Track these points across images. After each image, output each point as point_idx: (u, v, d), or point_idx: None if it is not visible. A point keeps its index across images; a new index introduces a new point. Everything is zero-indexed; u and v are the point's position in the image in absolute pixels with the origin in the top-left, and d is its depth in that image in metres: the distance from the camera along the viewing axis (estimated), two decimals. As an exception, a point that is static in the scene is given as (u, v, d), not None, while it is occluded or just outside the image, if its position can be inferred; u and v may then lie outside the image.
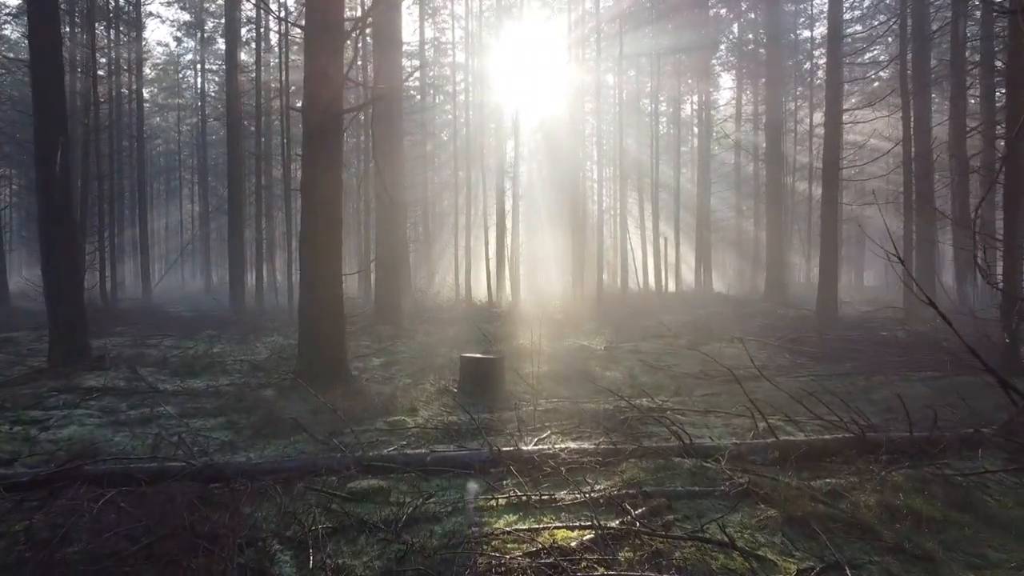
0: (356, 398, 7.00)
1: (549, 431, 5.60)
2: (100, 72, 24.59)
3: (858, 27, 32.68)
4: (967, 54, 19.56)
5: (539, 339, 13.37)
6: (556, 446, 4.65)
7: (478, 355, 8.08)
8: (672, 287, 30.17)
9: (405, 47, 33.47)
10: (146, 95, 43.34)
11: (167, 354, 10.96)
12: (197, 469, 3.89)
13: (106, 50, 23.71)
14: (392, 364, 10.23)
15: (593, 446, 4.55)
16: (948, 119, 15.62)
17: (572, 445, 4.60)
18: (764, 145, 30.41)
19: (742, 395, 8.06)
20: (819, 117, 32.69)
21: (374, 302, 15.50)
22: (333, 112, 7.37)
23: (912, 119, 17.67)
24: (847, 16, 32.67)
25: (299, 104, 7.75)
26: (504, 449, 4.47)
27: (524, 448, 4.54)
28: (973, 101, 23.81)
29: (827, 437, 5.06)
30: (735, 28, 35.02)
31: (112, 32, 24.63)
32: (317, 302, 7.49)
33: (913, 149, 17.04)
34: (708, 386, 8.63)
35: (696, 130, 35.68)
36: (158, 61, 39.38)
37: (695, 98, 35.21)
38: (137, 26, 26.40)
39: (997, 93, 19.22)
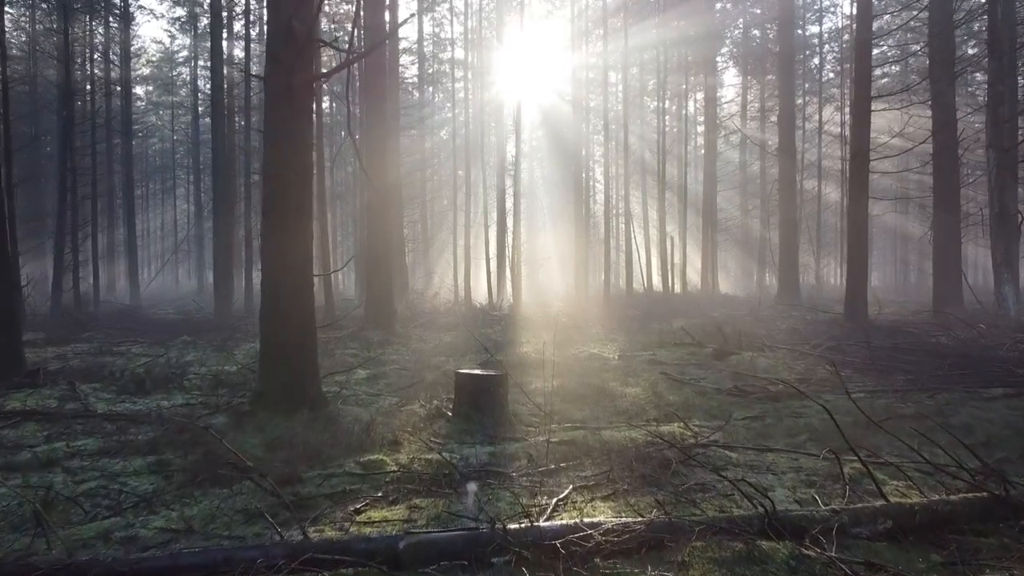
0: (326, 427, 5.56)
1: (570, 485, 4.15)
2: (88, 64, 23.19)
3: (868, 21, 31.23)
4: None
5: (544, 347, 11.94)
6: (585, 519, 3.19)
7: (476, 371, 6.65)
8: (678, 288, 28.72)
9: (401, 42, 32.08)
10: (141, 92, 42.02)
11: (127, 365, 9.53)
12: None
13: (86, 39, 22.27)
14: (379, 377, 8.79)
15: (641, 523, 3.09)
16: (986, 105, 14.15)
17: (608, 521, 3.14)
18: (771, 141, 29.01)
19: (792, 419, 6.65)
20: (828, 113, 31.31)
21: (364, 305, 14.07)
22: (301, 76, 5.93)
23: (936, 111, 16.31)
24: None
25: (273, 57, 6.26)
26: (512, 527, 3.03)
27: (540, 524, 3.10)
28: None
29: (954, 499, 3.62)
30: (740, 23, 33.61)
31: (94, 22, 23.18)
32: (280, 307, 6.05)
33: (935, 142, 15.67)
34: (747, 406, 7.19)
35: (701, 128, 34.26)
36: (153, 58, 37.95)
37: (699, 95, 33.80)
38: (125, 17, 24.97)
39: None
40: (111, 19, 26.40)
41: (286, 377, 6.00)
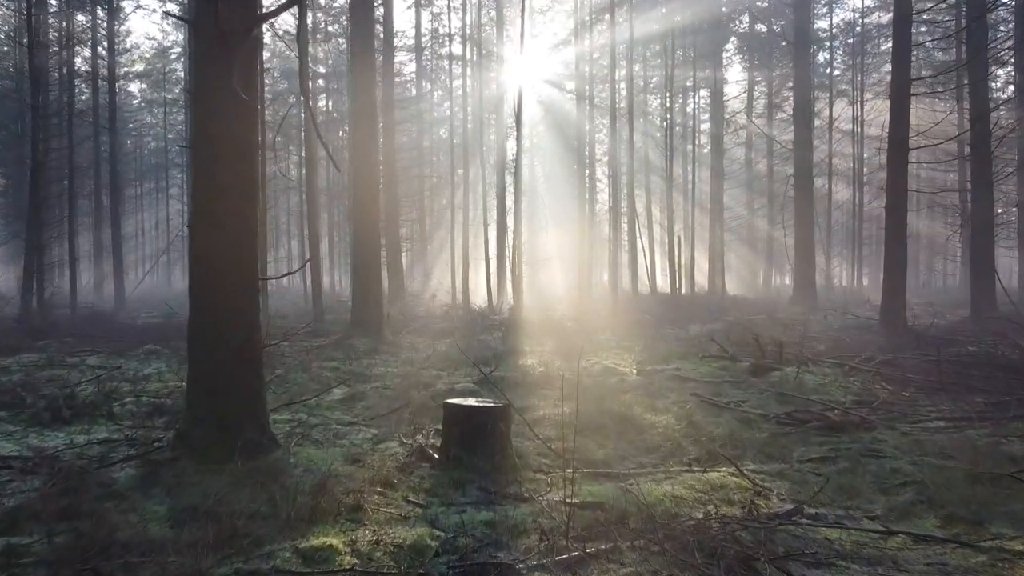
0: (265, 485, 4.03)
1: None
2: (67, 53, 21.67)
3: (880, 14, 29.71)
4: None
5: (550, 357, 10.43)
6: None
7: (471, 400, 5.13)
8: (685, 289, 27.16)
9: (397, 37, 30.54)
10: (135, 90, 40.53)
11: (70, 379, 8.00)
12: None
13: (68, 28, 20.74)
14: (356, 399, 7.27)
15: None
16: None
17: None
18: (779, 137, 27.49)
19: (873, 461, 5.10)
20: (839, 109, 29.72)
21: (351, 309, 12.55)
22: (238, 18, 4.40)
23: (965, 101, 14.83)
24: (867, 3, 29.80)
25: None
26: None
27: None
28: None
29: None
30: (746, 18, 32.06)
31: (78, 11, 21.65)
32: (212, 321, 4.54)
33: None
34: (807, 440, 5.67)
35: (706, 126, 32.73)
36: (146, 54, 36.43)
37: (705, 92, 32.28)
38: (110, 6, 23.44)
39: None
40: (99, 8, 24.93)
41: (220, 413, 4.48)
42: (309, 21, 31.18)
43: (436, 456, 4.93)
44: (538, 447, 5.37)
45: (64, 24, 21.26)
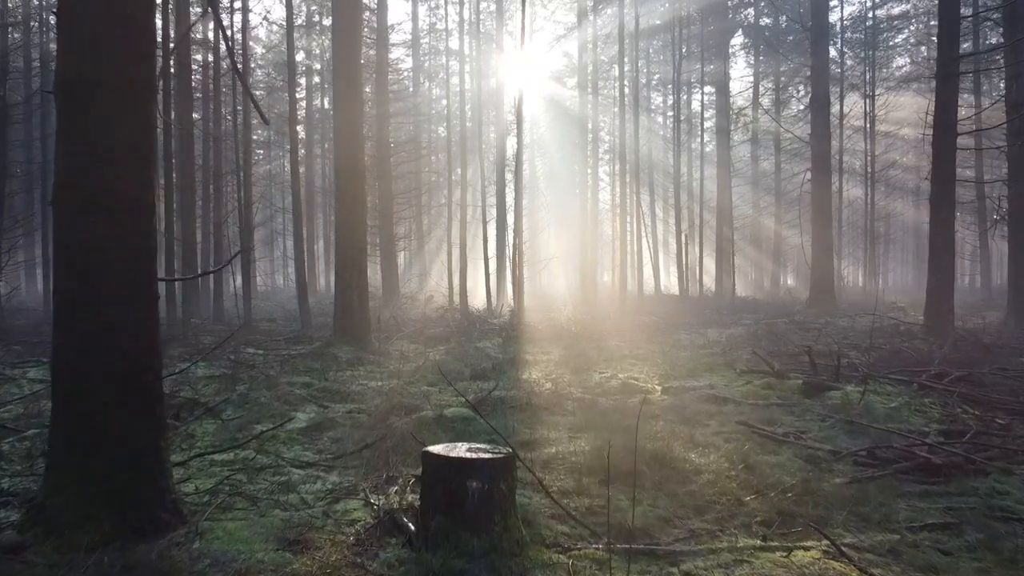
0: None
1: None
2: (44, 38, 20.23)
3: (891, 6, 28.26)
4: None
5: (557, 369, 8.98)
6: None
7: (462, 450, 3.64)
8: (692, 290, 25.71)
9: (393, 31, 29.09)
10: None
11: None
12: None
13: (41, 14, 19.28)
14: (323, 428, 5.80)
15: None
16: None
17: None
18: (789, 132, 26.05)
19: (1003, 522, 3.69)
20: (849, 104, 28.26)
21: (334, 314, 11.08)
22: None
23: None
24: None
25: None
26: None
27: None
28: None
29: None
30: (751, 11, 30.61)
31: None
32: (85, 341, 3.08)
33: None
34: (903, 490, 4.22)
35: (711, 124, 31.26)
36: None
37: (710, 88, 30.83)
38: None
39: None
40: None
41: (93, 476, 3.01)
42: (303, 16, 29.72)
43: (412, 527, 3.48)
44: (551, 506, 3.91)
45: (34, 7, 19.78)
